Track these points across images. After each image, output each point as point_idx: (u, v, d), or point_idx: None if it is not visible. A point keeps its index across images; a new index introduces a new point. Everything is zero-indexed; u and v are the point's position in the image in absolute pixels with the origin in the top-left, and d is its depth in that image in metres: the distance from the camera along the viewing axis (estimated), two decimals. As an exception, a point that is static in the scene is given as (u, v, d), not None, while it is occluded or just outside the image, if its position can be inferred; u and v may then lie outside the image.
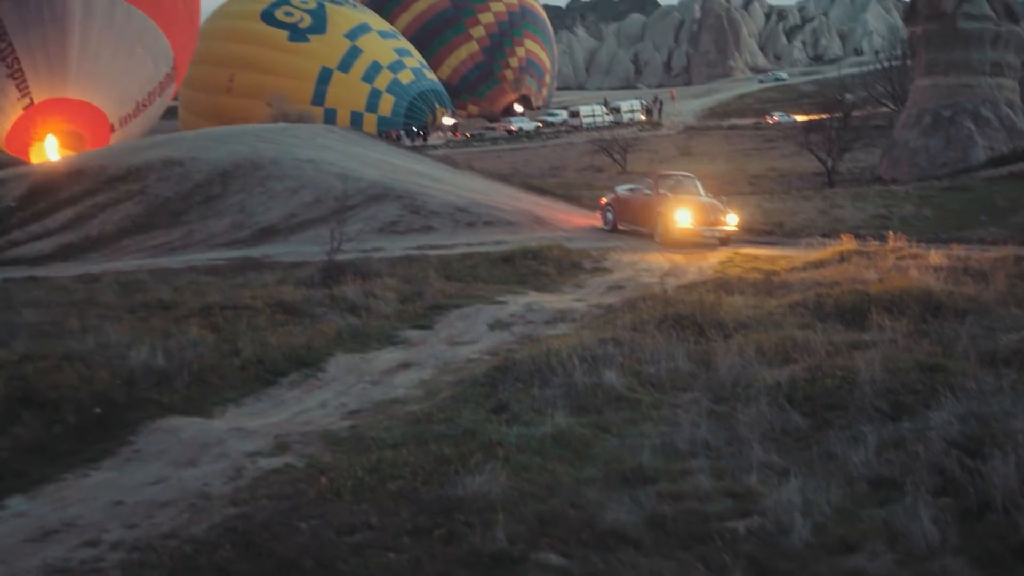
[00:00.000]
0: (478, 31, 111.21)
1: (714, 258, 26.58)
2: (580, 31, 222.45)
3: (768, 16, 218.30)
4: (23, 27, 62.17)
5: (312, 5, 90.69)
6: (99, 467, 10.53)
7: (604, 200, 34.25)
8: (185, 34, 71.10)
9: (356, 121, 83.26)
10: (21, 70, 62.81)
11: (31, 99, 63.33)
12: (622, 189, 34.30)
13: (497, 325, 17.54)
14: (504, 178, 49.92)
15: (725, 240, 29.07)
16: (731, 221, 29.26)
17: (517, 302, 19.62)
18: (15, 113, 63.87)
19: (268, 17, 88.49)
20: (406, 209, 35.49)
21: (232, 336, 15.63)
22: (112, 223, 38.01)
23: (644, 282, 22.33)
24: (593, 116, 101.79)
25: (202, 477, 9.88)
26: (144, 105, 68.05)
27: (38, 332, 16.35)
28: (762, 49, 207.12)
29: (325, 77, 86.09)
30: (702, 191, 31.14)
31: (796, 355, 12.81)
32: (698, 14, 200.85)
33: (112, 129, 65.69)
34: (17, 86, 63.03)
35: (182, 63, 71.97)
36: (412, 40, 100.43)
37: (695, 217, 28.91)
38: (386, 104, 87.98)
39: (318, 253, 23.35)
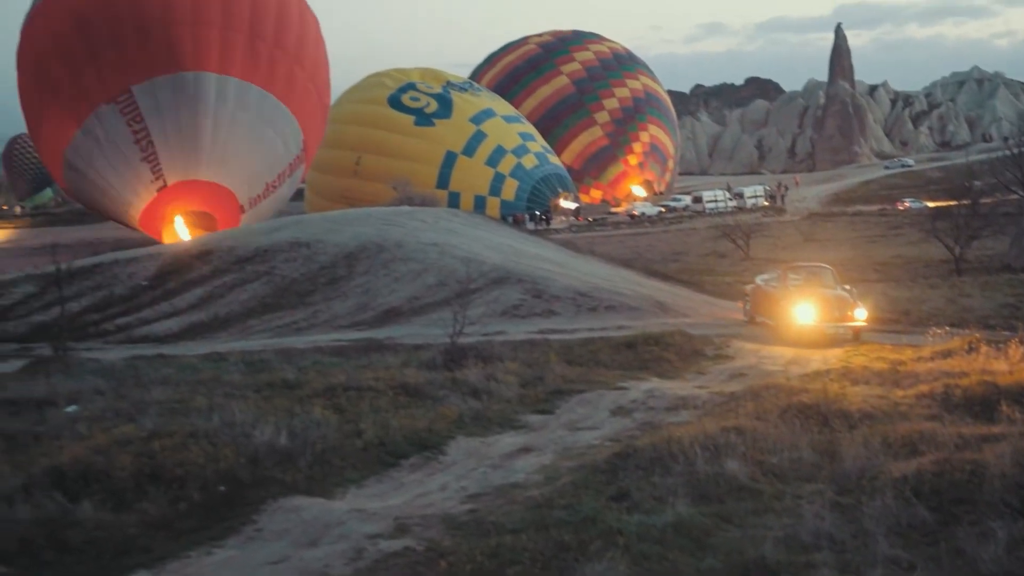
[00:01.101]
0: (602, 116, 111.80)
1: (839, 347, 26.11)
2: (704, 116, 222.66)
3: (894, 102, 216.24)
4: (157, 111, 64.04)
5: (438, 90, 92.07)
6: (223, 545, 10.66)
7: (746, 289, 33.46)
8: (315, 117, 72.50)
9: (480, 205, 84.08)
10: (155, 153, 64.61)
11: (164, 181, 65.05)
12: (760, 279, 33.32)
13: (618, 411, 17.44)
14: (626, 263, 49.91)
15: (855, 335, 27.74)
16: (860, 316, 27.67)
17: (639, 388, 19.49)
18: (149, 195, 65.62)
19: (395, 102, 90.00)
20: (528, 293, 35.56)
21: (355, 417, 15.77)
22: (239, 303, 38.70)
23: (767, 370, 22.04)
24: (716, 201, 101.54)
25: (323, 558, 9.95)
26: (274, 186, 69.38)
27: (166, 409, 16.66)
28: (888, 135, 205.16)
29: (450, 161, 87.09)
30: (834, 283, 30.12)
31: (923, 447, 12.52)
32: (823, 100, 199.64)
33: (242, 210, 67.04)
34: (151, 169, 64.83)
35: (312, 145, 73.30)
36: (537, 124, 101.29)
37: (820, 313, 27.76)
38: (509, 188, 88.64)
39: (441, 336, 23.51)
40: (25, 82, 71.56)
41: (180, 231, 65.08)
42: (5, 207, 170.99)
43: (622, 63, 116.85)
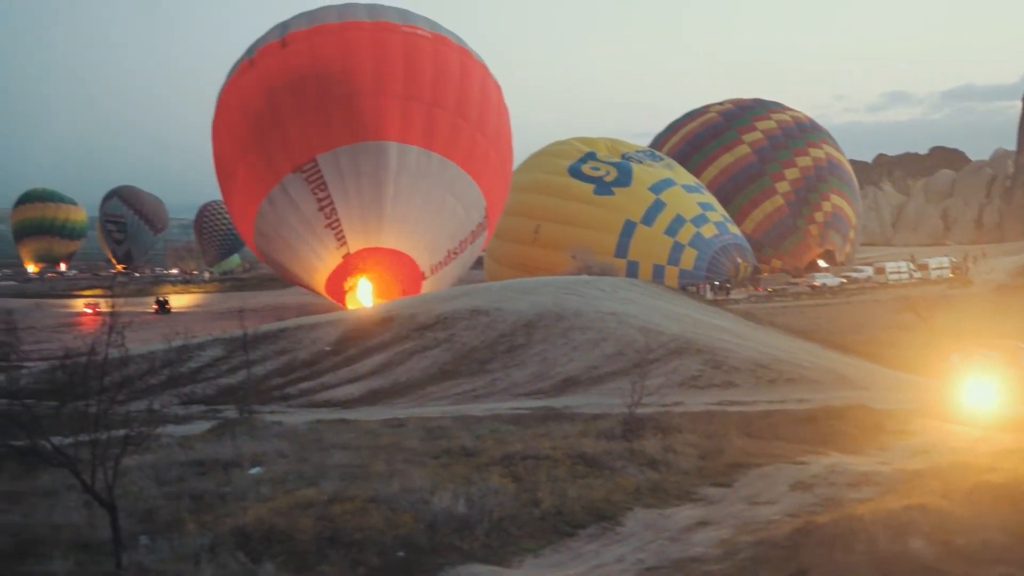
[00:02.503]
0: (783, 185, 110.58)
1: (1030, 423, 25.20)
2: (887, 186, 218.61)
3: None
4: (341, 180, 65.59)
5: (617, 159, 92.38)
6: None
7: (940, 365, 32.38)
8: (498, 184, 73.21)
9: (658, 274, 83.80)
10: (339, 220, 66.07)
11: (348, 248, 66.37)
12: (954, 357, 32.25)
13: (798, 486, 17.14)
14: (806, 334, 49.13)
15: None
16: None
17: (819, 463, 19.13)
18: (334, 261, 67.06)
19: (575, 171, 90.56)
20: (707, 364, 35.18)
21: (532, 486, 15.81)
22: (419, 369, 39.14)
23: (953, 447, 21.39)
24: (899, 272, 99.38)
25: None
26: (455, 253, 70.15)
27: (347, 474, 16.95)
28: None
29: (628, 230, 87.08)
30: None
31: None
32: (1011, 169, 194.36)
33: (423, 277, 67.96)
34: (335, 236, 66.28)
35: (494, 212, 73.97)
36: (717, 193, 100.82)
37: (1004, 393, 26.88)
38: (688, 257, 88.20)
39: (618, 406, 23.42)
40: (219, 151, 74.27)
41: (362, 297, 66.25)
42: (195, 272, 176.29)
43: (804, 132, 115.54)
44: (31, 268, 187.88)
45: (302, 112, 66.30)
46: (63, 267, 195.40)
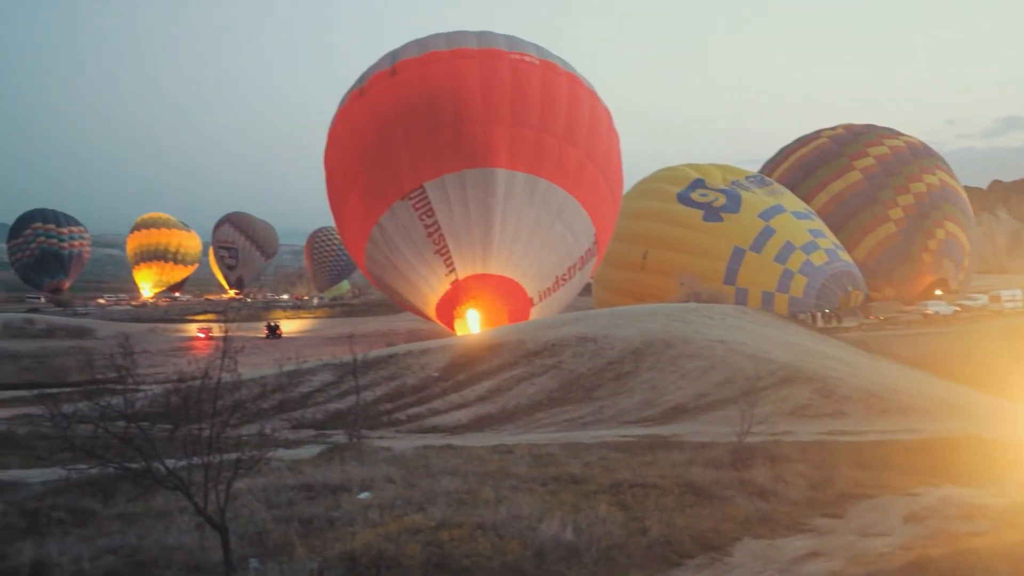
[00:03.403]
0: (896, 212, 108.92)
1: None
2: (1002, 213, 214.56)
3: None
4: (448, 207, 66.02)
5: (726, 186, 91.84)
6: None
7: None
8: (607, 210, 73.02)
9: (767, 301, 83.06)
10: (447, 247, 66.47)
11: (457, 274, 66.71)
12: None
13: (911, 518, 16.84)
14: (919, 363, 48.33)
15: None
16: None
17: (932, 494, 18.79)
18: (443, 287, 67.47)
19: (684, 198, 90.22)
20: (817, 393, 34.72)
21: (640, 514, 15.71)
22: (527, 396, 39.18)
23: (1075, 479, 20.93)
24: (1015, 301, 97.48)
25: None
26: (564, 279, 70.09)
27: (454, 500, 16.98)
28: None
29: (737, 257, 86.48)
30: None
31: None
32: None
33: (532, 303, 68.00)
34: (444, 262, 66.70)
35: (603, 238, 73.78)
36: (827, 220, 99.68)
37: None
38: (798, 285, 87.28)
39: (727, 434, 23.24)
40: (331, 179, 75.42)
41: (471, 324, 66.52)
42: (306, 297, 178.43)
43: (918, 157, 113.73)
44: (146, 293, 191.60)
45: (410, 139, 66.94)
46: (177, 293, 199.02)
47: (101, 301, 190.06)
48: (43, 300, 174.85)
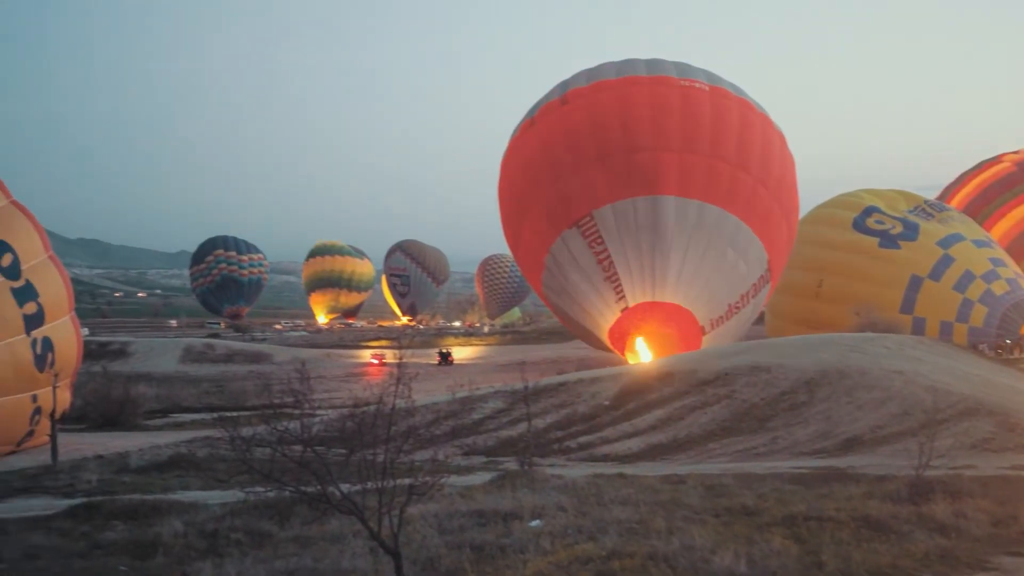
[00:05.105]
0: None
1: None
2: None
3: None
4: (618, 234, 65.99)
5: (903, 214, 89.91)
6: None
7: None
8: (780, 237, 71.99)
9: (946, 331, 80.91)
10: (617, 275, 66.41)
11: (627, 302, 66.56)
12: None
13: (1105, 557, 16.24)
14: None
15: None
16: None
17: (1125, 533, 18.08)
18: (613, 315, 67.42)
19: (859, 224, 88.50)
20: (1001, 426, 33.65)
21: (815, 548, 15.46)
22: (699, 425, 38.87)
23: None
24: None
25: None
26: (736, 308, 69.31)
27: (625, 529, 16.92)
28: None
29: (915, 285, 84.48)
30: None
31: None
32: None
33: (703, 332, 67.42)
34: (615, 290, 66.66)
35: (777, 266, 72.77)
36: (1009, 248, 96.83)
37: None
38: (978, 315, 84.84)
39: (905, 467, 22.72)
40: (504, 208, 76.40)
41: (642, 352, 66.30)
42: (477, 324, 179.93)
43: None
44: (321, 319, 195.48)
45: (579, 167, 67.23)
46: (351, 319, 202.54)
47: (278, 327, 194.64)
48: (223, 326, 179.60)
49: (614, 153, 66.45)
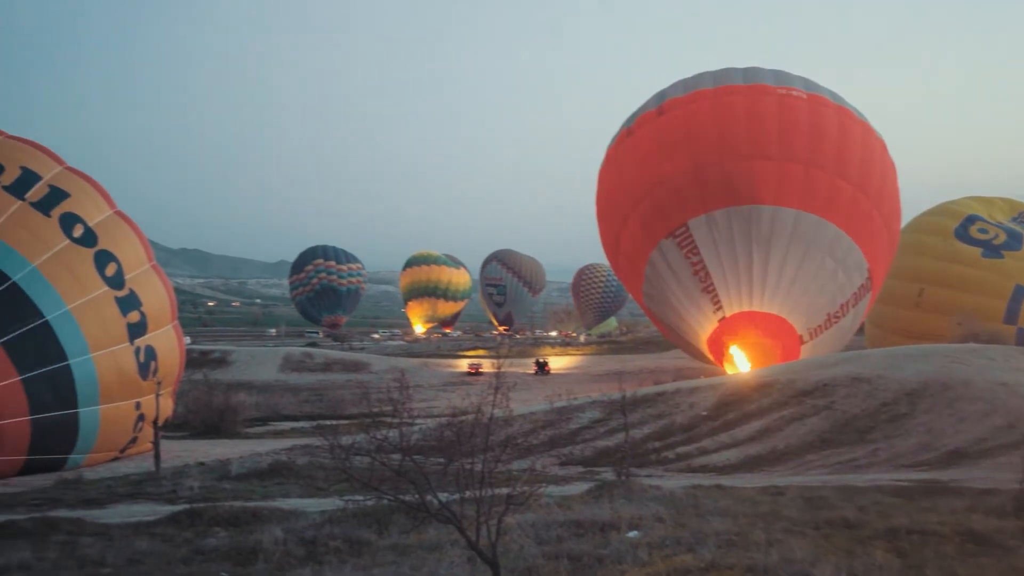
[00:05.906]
0: None
1: None
2: None
3: None
4: (713, 244, 65.72)
5: (1006, 222, 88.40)
6: None
7: None
8: (881, 246, 71.01)
9: (1052, 342, 79.48)
10: (713, 285, 66.13)
11: (724, 312, 66.21)
12: None
13: None
14: None
15: None
16: None
17: None
18: (711, 325, 67.11)
19: (961, 233, 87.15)
20: (1112, 438, 33.02)
21: (918, 563, 15.23)
22: (798, 437, 38.52)
23: None
24: None
25: None
26: (836, 317, 68.56)
27: (724, 541, 16.80)
28: None
29: (1019, 295, 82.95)
30: None
31: None
32: None
33: (802, 341, 66.85)
34: (711, 299, 66.37)
35: (878, 276, 71.80)
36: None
37: None
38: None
39: (1010, 481, 22.33)
40: (602, 219, 76.66)
41: (739, 362, 65.89)
42: (573, 334, 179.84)
43: None
44: (418, 328, 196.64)
45: (674, 177, 67.09)
46: (448, 329, 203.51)
47: (376, 336, 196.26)
48: (321, 335, 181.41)
49: (709, 163, 66.17)
